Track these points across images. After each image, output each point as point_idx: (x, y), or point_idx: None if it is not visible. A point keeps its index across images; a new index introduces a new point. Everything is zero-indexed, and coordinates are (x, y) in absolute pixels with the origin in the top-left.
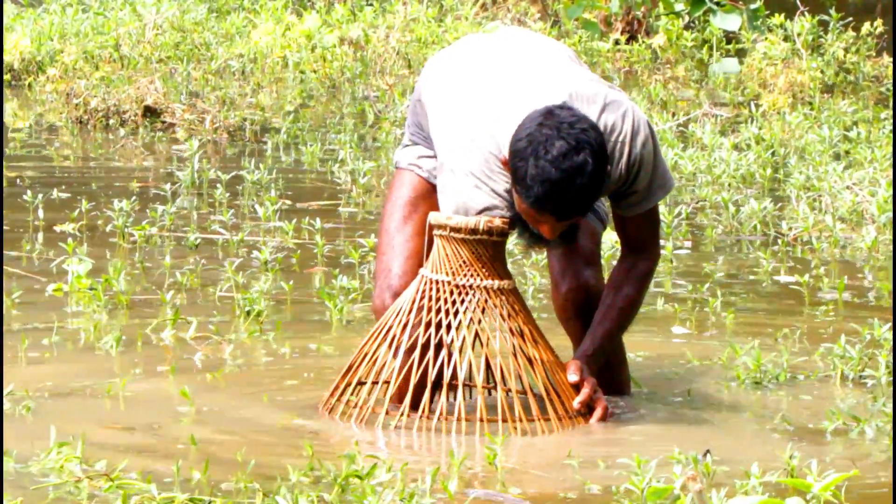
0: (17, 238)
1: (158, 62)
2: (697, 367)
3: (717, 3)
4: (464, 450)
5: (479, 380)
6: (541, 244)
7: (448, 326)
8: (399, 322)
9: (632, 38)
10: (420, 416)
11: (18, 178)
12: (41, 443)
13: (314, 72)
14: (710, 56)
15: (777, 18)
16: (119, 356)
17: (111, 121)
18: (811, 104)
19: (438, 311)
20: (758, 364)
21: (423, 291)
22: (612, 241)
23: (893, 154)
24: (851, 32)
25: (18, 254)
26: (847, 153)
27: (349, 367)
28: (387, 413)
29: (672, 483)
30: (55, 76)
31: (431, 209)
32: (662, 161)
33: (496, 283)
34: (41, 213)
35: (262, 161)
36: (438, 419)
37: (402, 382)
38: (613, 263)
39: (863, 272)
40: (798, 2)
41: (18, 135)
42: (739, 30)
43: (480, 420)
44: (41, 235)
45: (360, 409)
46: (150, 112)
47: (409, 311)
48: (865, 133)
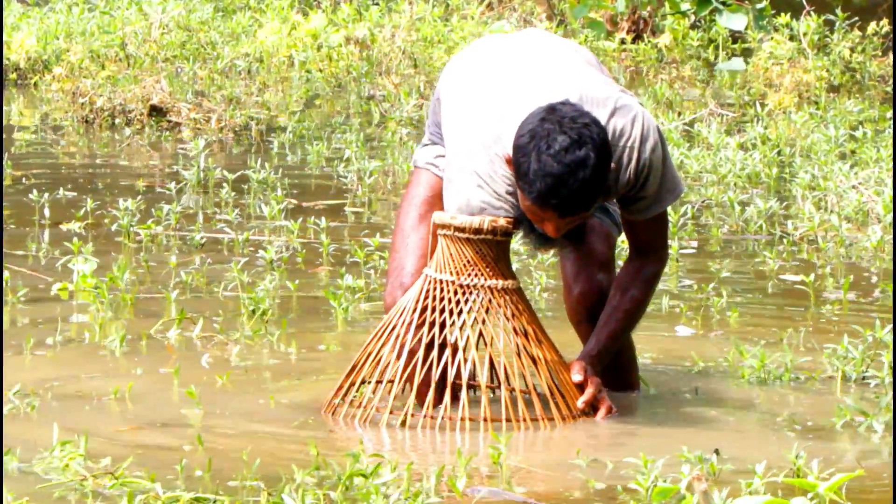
0: (23, 237)
1: (164, 61)
2: (703, 367)
3: (723, 3)
4: (468, 448)
5: (484, 379)
6: (547, 245)
7: (452, 326)
8: (403, 322)
9: (638, 38)
10: (424, 416)
11: (24, 177)
12: (45, 442)
13: (320, 71)
14: (716, 55)
15: (783, 18)
16: (124, 355)
17: (117, 120)
18: (817, 104)
19: (442, 311)
20: (762, 363)
21: (428, 291)
22: (620, 241)
23: (894, 154)
24: (857, 32)
25: (24, 252)
26: (853, 153)
27: (353, 367)
28: (391, 412)
29: (678, 483)
30: (61, 75)
31: None
32: (672, 166)
33: (500, 283)
34: (47, 212)
35: (268, 160)
36: (443, 419)
37: (422, 383)
38: (620, 263)
39: (868, 272)
40: (804, 1)
41: (24, 134)
42: (745, 29)
43: (485, 420)
44: (47, 234)
45: (365, 409)
46: (156, 111)
47: (413, 311)
48: (871, 132)
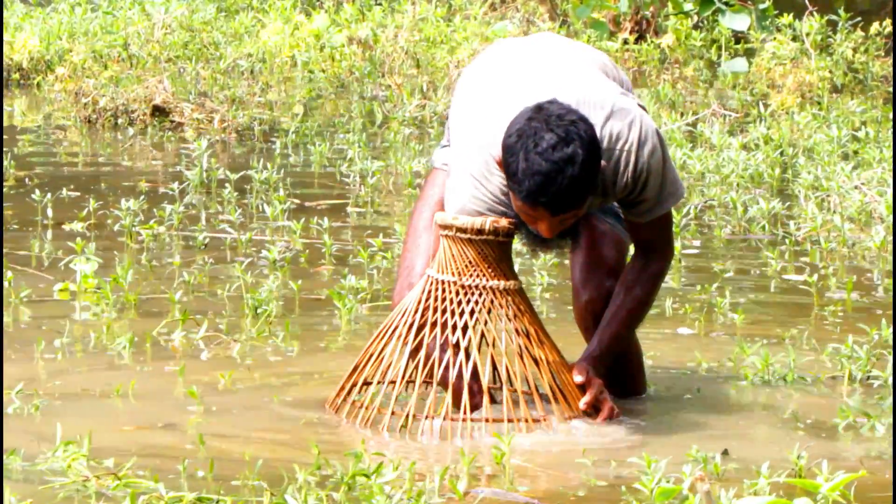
0: (26, 237)
1: (167, 61)
2: (706, 367)
3: (726, 3)
4: (469, 448)
5: (486, 380)
6: (544, 246)
7: (454, 327)
8: (405, 322)
9: (640, 38)
10: (426, 417)
11: (27, 178)
12: (49, 442)
13: (323, 71)
14: (719, 56)
15: (786, 18)
16: (128, 356)
17: (120, 120)
18: (820, 104)
19: (444, 312)
20: (766, 364)
21: (429, 292)
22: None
23: (893, 154)
24: (860, 32)
25: (27, 252)
26: (855, 153)
27: (355, 367)
28: (392, 413)
29: (681, 483)
30: (64, 75)
31: None
32: (672, 170)
33: (502, 284)
34: (49, 212)
35: (271, 160)
36: (444, 419)
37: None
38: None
39: (871, 272)
40: (807, 2)
41: (27, 134)
42: (748, 30)
43: (486, 420)
44: (49, 234)
45: (367, 409)
46: (159, 111)
47: (415, 312)
48: (874, 133)
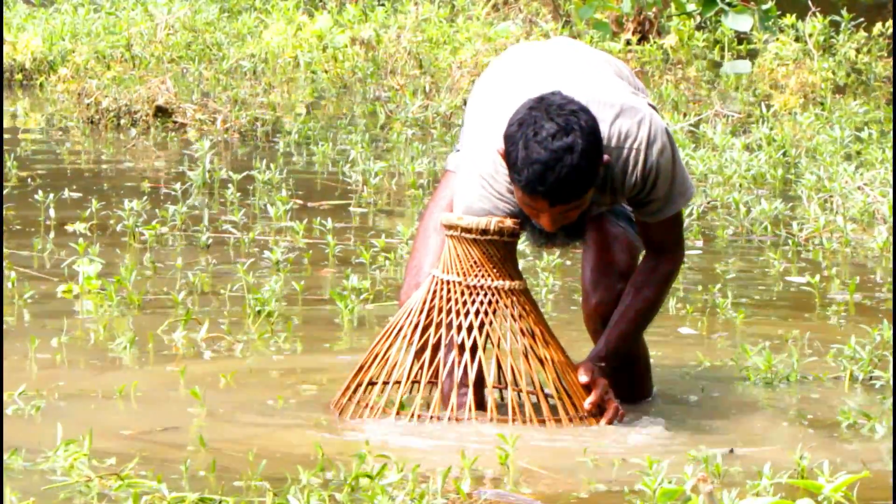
0: (29, 238)
1: (170, 62)
2: (708, 368)
3: (729, 4)
4: (473, 450)
5: (490, 380)
6: (548, 243)
7: (459, 327)
8: (410, 322)
9: (643, 39)
10: (431, 417)
11: (30, 178)
12: (51, 442)
13: (325, 72)
14: (722, 56)
15: (788, 19)
16: (130, 357)
17: (122, 121)
18: (822, 104)
19: (449, 312)
20: (768, 365)
21: (434, 292)
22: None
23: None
24: (863, 33)
25: (30, 253)
26: (858, 153)
27: (360, 368)
28: (397, 413)
29: (683, 484)
30: (66, 76)
31: None
32: (682, 169)
33: (507, 284)
34: (52, 213)
35: (274, 161)
36: (448, 420)
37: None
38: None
39: (874, 273)
40: (809, 2)
41: (30, 135)
42: (751, 30)
43: (491, 420)
44: (52, 235)
45: (372, 410)
46: (162, 112)
47: (420, 312)
48: (877, 133)
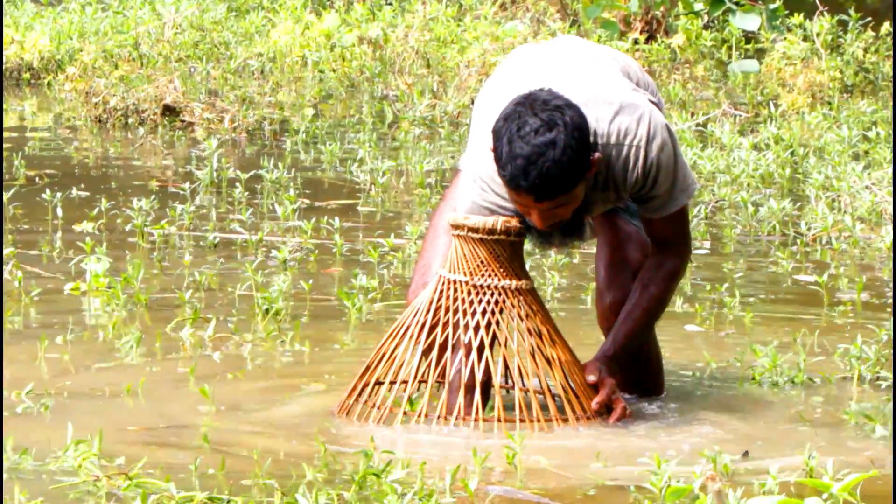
0: (36, 237)
1: (177, 61)
2: (715, 367)
3: (737, 3)
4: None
5: (497, 380)
6: (546, 243)
7: (465, 326)
8: (417, 322)
9: (651, 38)
10: (438, 417)
11: (38, 177)
12: (59, 441)
13: (333, 71)
14: (730, 56)
15: (796, 18)
16: (138, 356)
17: (130, 120)
18: (830, 104)
19: (456, 312)
20: (774, 364)
21: (441, 292)
22: None
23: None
24: (871, 32)
25: (37, 252)
26: (866, 153)
27: (367, 367)
28: (405, 413)
29: (691, 483)
30: (74, 75)
31: None
32: (684, 165)
33: (514, 283)
34: (60, 212)
35: (281, 160)
36: (456, 419)
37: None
38: None
39: (882, 272)
40: (817, 2)
41: (38, 134)
42: (759, 29)
43: (498, 420)
44: (60, 234)
45: (379, 409)
46: (170, 111)
47: (427, 311)
48: (884, 133)
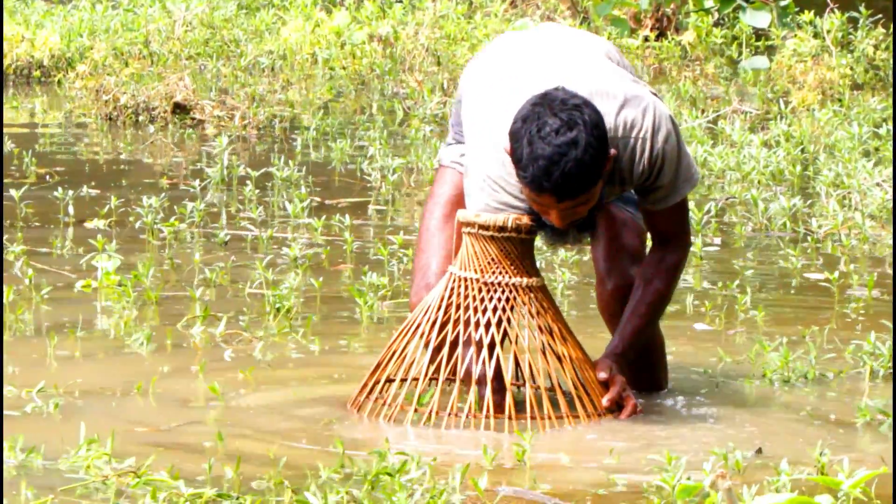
0: (47, 234)
1: (188, 59)
2: (726, 365)
3: (747, 0)
4: (492, 446)
5: (508, 377)
6: (563, 241)
7: (476, 324)
8: (427, 319)
9: (661, 35)
10: (449, 414)
11: (48, 175)
12: (70, 440)
13: (343, 68)
14: (740, 53)
15: (807, 15)
16: (148, 353)
17: (140, 117)
18: (841, 101)
19: (467, 309)
20: (786, 361)
21: (452, 289)
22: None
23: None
24: (881, 29)
25: (48, 250)
26: (877, 150)
27: (378, 365)
28: (415, 410)
29: (702, 481)
30: (85, 73)
31: None
32: (687, 155)
33: (524, 281)
34: (71, 210)
35: (292, 158)
36: (467, 417)
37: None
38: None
39: (892, 269)
40: None
41: (48, 131)
42: (769, 27)
43: (509, 417)
44: (71, 232)
45: (390, 407)
46: (180, 109)
47: (438, 309)
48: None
